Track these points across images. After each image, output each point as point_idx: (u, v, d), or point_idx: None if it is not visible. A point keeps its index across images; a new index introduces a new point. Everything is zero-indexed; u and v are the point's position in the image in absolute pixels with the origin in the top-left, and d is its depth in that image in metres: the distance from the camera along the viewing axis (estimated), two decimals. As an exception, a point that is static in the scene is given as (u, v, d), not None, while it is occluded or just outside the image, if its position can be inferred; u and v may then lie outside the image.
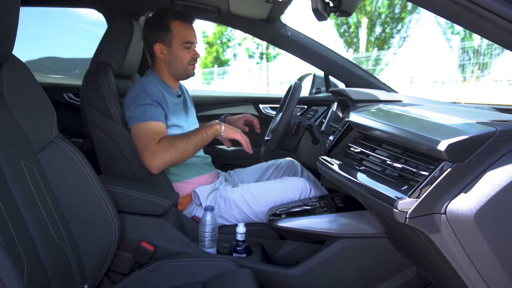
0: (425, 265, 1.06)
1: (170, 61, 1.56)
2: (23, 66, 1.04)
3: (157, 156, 1.36)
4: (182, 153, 1.41)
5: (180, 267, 1.14)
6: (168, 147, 1.38)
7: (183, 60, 1.55)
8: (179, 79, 1.62)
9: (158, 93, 1.47)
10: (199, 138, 1.43)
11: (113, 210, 1.12)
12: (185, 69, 1.57)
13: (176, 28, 1.53)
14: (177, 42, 1.53)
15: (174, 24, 1.53)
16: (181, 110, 1.60)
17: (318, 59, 2.00)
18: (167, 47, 1.54)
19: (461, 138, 0.76)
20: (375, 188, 0.90)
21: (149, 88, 1.46)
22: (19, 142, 0.98)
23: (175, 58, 1.55)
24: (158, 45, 1.54)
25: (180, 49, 1.54)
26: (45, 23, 3.44)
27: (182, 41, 1.53)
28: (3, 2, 0.87)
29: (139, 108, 1.42)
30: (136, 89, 1.48)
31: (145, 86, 1.47)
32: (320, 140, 1.57)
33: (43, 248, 0.90)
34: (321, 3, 0.89)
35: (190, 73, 1.59)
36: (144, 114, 1.41)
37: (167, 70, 1.58)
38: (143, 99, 1.43)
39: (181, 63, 1.55)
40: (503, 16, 0.74)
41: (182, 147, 1.40)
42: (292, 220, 1.33)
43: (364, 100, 1.47)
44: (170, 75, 1.59)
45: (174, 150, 1.38)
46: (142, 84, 1.49)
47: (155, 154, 1.36)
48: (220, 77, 16.13)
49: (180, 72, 1.57)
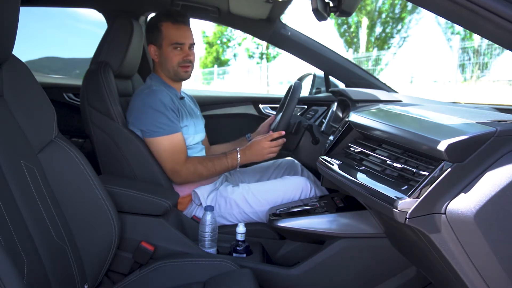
0: (425, 265, 1.06)
1: (161, 63, 1.56)
2: (23, 66, 1.04)
3: (181, 177, 1.50)
4: (204, 178, 1.54)
5: (180, 267, 1.14)
6: (192, 173, 1.50)
7: (172, 62, 1.54)
8: (174, 81, 1.61)
9: (168, 99, 1.48)
10: (222, 168, 1.53)
11: (113, 210, 1.12)
12: (175, 71, 1.55)
13: (166, 29, 1.53)
14: (166, 43, 1.53)
15: (165, 25, 1.53)
16: (187, 113, 1.59)
17: (318, 59, 2.00)
18: (158, 49, 1.55)
19: (461, 138, 0.76)
20: (375, 188, 0.90)
21: (160, 94, 1.47)
22: (19, 142, 0.98)
23: (165, 59, 1.54)
24: (152, 47, 1.56)
25: (169, 50, 1.53)
26: (45, 23, 3.44)
27: (171, 42, 1.53)
28: (3, 2, 0.87)
29: (155, 118, 1.44)
30: (146, 94, 1.48)
31: (156, 92, 1.47)
32: (320, 140, 1.57)
33: (43, 248, 0.90)
34: (321, 3, 0.89)
35: (182, 75, 1.57)
36: (162, 127, 1.45)
37: (161, 71, 1.59)
38: (158, 107, 1.44)
39: (170, 64, 1.54)
40: (503, 16, 0.74)
41: (205, 174, 1.52)
42: (292, 220, 1.33)
43: (364, 100, 1.47)
44: (166, 76, 1.59)
45: (197, 176, 1.51)
46: (150, 89, 1.49)
47: (180, 175, 1.49)
48: (220, 77, 16.14)
49: (171, 73, 1.56)
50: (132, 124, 1.49)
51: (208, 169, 1.50)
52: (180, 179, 1.50)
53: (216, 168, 1.51)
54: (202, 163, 1.50)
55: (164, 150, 1.47)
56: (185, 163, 1.48)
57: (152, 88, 1.49)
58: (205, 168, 1.50)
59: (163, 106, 1.45)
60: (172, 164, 1.48)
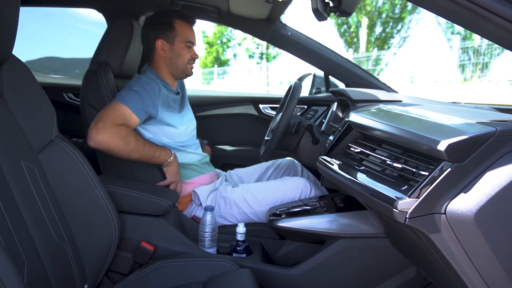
0: (425, 265, 1.06)
1: (171, 58, 1.57)
2: (23, 66, 1.04)
3: (104, 133, 1.32)
4: (127, 152, 1.36)
5: (180, 267, 1.14)
6: (121, 137, 1.33)
7: (184, 58, 1.58)
8: (177, 77, 1.63)
9: (154, 87, 1.47)
10: (150, 154, 1.41)
11: (113, 210, 1.12)
12: (185, 68, 1.60)
13: (180, 27, 1.56)
14: (180, 40, 1.56)
15: (178, 23, 1.56)
16: (176, 107, 1.60)
17: (318, 59, 2.00)
18: (169, 44, 1.56)
19: (461, 138, 0.76)
20: (375, 188, 0.90)
21: (147, 79, 1.48)
22: (19, 142, 0.98)
23: (177, 55, 1.57)
24: (160, 41, 1.55)
25: (182, 47, 1.57)
26: (45, 23, 3.44)
27: (185, 40, 1.57)
28: (3, 2, 0.87)
29: (126, 92, 1.42)
30: (134, 79, 1.50)
31: (143, 77, 1.49)
32: (320, 140, 1.57)
33: (43, 248, 0.90)
34: (321, 3, 0.89)
35: (189, 72, 1.62)
36: (127, 98, 1.40)
37: (166, 67, 1.59)
38: (136, 85, 1.44)
39: (181, 61, 1.58)
40: (503, 16, 0.74)
41: (131, 148, 1.36)
42: (292, 220, 1.34)
43: (364, 100, 1.47)
44: (169, 72, 1.60)
45: (123, 143, 1.34)
46: (139, 77, 1.51)
47: (105, 131, 1.32)
48: (220, 77, 16.14)
49: (180, 70, 1.59)
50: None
51: (138, 143, 1.37)
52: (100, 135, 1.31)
53: (145, 148, 1.39)
54: (136, 136, 1.39)
55: (110, 108, 1.36)
56: (118, 125, 1.35)
57: (142, 78, 1.50)
58: (136, 141, 1.37)
59: (141, 89, 1.42)
60: (103, 117, 1.34)
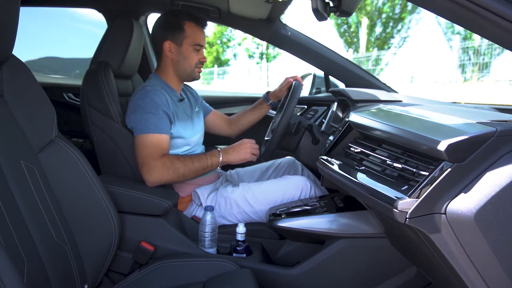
0: (425, 265, 1.06)
1: (178, 61, 1.55)
2: (23, 66, 1.04)
3: (155, 173, 1.38)
4: (180, 177, 1.43)
5: (180, 267, 1.14)
6: (168, 168, 1.39)
7: (191, 61, 1.55)
8: (184, 80, 1.61)
9: (162, 99, 1.45)
10: (203, 167, 1.46)
11: (113, 210, 1.12)
12: (192, 71, 1.57)
13: (189, 29, 1.53)
14: (188, 42, 1.53)
15: (188, 24, 1.53)
16: (184, 116, 1.57)
17: (318, 59, 2.00)
18: (177, 46, 1.53)
19: (461, 138, 0.76)
20: (375, 188, 0.90)
21: (154, 94, 1.45)
22: (19, 142, 0.98)
23: (184, 58, 1.54)
24: (168, 43, 1.53)
25: (190, 50, 1.54)
26: (45, 23, 3.44)
27: (193, 43, 1.53)
28: (3, 2, 0.87)
29: (143, 117, 1.41)
30: (140, 94, 1.46)
31: (149, 92, 1.45)
32: (320, 140, 1.57)
33: (43, 248, 0.90)
34: (321, 3, 0.89)
35: (196, 75, 1.59)
36: (147, 125, 1.40)
37: (173, 69, 1.57)
38: (148, 107, 1.42)
39: (189, 64, 1.55)
40: (503, 16, 0.74)
41: (182, 172, 1.42)
42: (292, 220, 1.33)
43: (364, 100, 1.47)
44: (176, 75, 1.58)
45: (173, 172, 1.40)
46: (145, 90, 1.47)
47: (153, 170, 1.38)
48: (220, 77, 16.14)
49: (187, 73, 1.57)
50: (127, 123, 1.48)
51: (186, 165, 1.42)
52: (152, 176, 1.38)
53: (195, 165, 1.44)
54: (180, 159, 1.43)
55: (143, 145, 1.40)
56: (160, 158, 1.39)
57: (147, 88, 1.47)
58: (183, 164, 1.42)
59: (154, 106, 1.42)
60: (145, 158, 1.39)
